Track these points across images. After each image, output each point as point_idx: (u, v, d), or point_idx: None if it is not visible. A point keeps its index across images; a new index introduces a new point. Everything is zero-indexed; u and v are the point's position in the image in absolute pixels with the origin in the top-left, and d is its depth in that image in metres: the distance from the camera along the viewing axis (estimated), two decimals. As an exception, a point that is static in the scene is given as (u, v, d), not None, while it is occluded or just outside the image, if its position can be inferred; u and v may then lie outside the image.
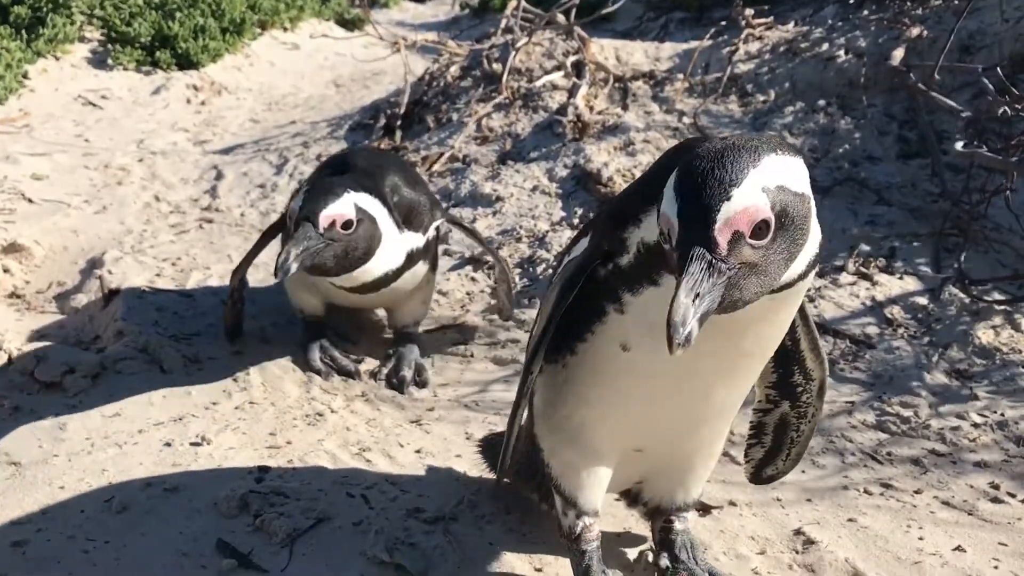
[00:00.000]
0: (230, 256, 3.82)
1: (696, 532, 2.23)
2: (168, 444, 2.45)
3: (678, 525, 2.01)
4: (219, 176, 4.78)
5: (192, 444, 2.46)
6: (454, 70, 5.05)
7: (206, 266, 3.71)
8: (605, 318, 1.64)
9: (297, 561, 2.03)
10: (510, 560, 2.07)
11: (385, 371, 2.98)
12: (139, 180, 4.74)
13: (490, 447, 2.36)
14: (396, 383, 2.94)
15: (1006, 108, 3.22)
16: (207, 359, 2.93)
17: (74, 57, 6.26)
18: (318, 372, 2.91)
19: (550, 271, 3.54)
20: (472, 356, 3.15)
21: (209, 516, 2.16)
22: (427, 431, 2.65)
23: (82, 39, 6.47)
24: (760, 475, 2.07)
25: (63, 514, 2.14)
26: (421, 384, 2.96)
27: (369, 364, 3.04)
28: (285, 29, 7.50)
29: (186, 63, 6.35)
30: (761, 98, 4.78)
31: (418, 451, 2.52)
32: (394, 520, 2.18)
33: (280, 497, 2.23)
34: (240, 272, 2.96)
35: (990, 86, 3.43)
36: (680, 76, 4.95)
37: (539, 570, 2.06)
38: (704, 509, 2.33)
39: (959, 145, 3.32)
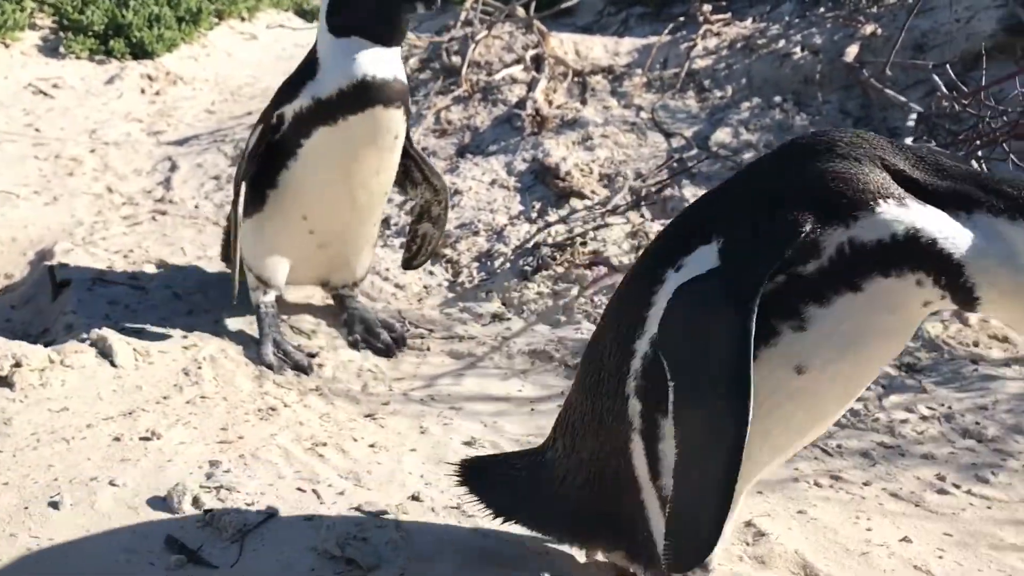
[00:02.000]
0: (183, 249, 3.77)
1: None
2: (117, 439, 2.42)
3: None
4: (173, 167, 4.71)
5: (142, 439, 2.43)
6: (413, 62, 5.03)
7: (159, 259, 3.66)
8: (776, 339, 1.48)
9: (247, 556, 2.01)
10: (463, 554, 2.07)
11: (351, 340, 3.07)
12: (91, 171, 4.66)
13: (477, 473, 2.01)
14: (383, 349, 3.04)
15: (955, 104, 3.27)
16: (158, 353, 2.89)
17: (24, 45, 6.13)
18: (271, 367, 2.88)
19: (508, 265, 3.54)
20: (428, 350, 3.14)
21: (158, 512, 2.14)
22: (381, 425, 2.63)
23: (33, 26, 6.33)
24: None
25: (6, 511, 2.10)
26: (400, 342, 3.06)
27: (324, 359, 3.02)
28: (243, 19, 7.41)
29: (141, 53, 6.24)
30: (718, 93, 4.81)
31: (372, 445, 2.51)
32: (346, 514, 2.17)
33: (231, 492, 2.21)
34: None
35: (940, 83, 3.48)
36: (639, 71, 4.96)
37: (493, 562, 2.06)
38: (657, 502, 2.34)
39: (909, 140, 3.37)
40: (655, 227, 3.69)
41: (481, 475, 2.00)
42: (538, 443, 2.58)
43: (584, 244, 3.58)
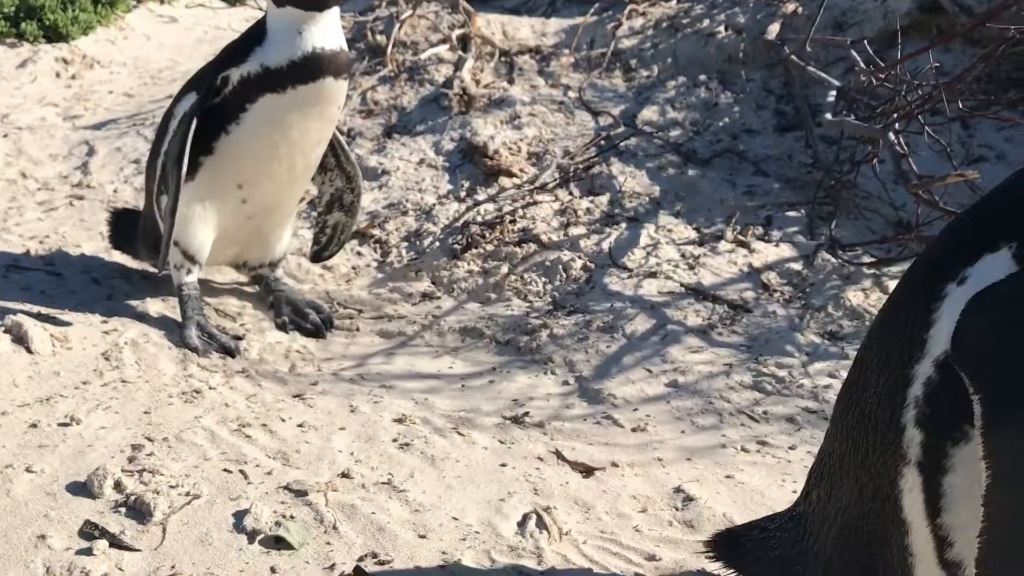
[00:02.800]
0: (102, 234, 3.65)
1: (579, 493, 2.26)
2: (34, 425, 2.34)
3: None
4: (91, 152, 4.56)
5: (60, 424, 2.35)
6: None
7: (76, 244, 3.54)
8: None
9: (171, 539, 1.97)
10: (392, 530, 2.05)
11: (279, 322, 3.03)
12: (3, 156, 4.49)
13: (730, 544, 1.86)
14: (312, 329, 3.00)
15: (872, 79, 3.35)
16: (77, 338, 2.80)
17: (-70, 28, 5.87)
18: (195, 349, 2.81)
19: (437, 244, 3.52)
20: (358, 330, 3.10)
21: (78, 497, 2.07)
22: (310, 405, 2.60)
23: (-61, 9, 6.07)
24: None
25: (-85, 502, 2.02)
26: (329, 323, 3.04)
27: (251, 341, 2.97)
28: (162, 1, 7.21)
29: (55, 36, 6.02)
30: (645, 73, 4.84)
31: (300, 425, 2.47)
32: (273, 494, 2.13)
33: (154, 475, 2.15)
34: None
35: (859, 59, 3.55)
36: (566, 51, 4.97)
37: (423, 536, 2.05)
38: (587, 471, 2.36)
39: (829, 115, 3.43)
40: (584, 204, 3.71)
41: (734, 545, 1.85)
42: (470, 418, 2.60)
43: (513, 222, 3.57)
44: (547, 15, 6.24)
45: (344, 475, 2.24)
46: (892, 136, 3.12)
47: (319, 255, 3.28)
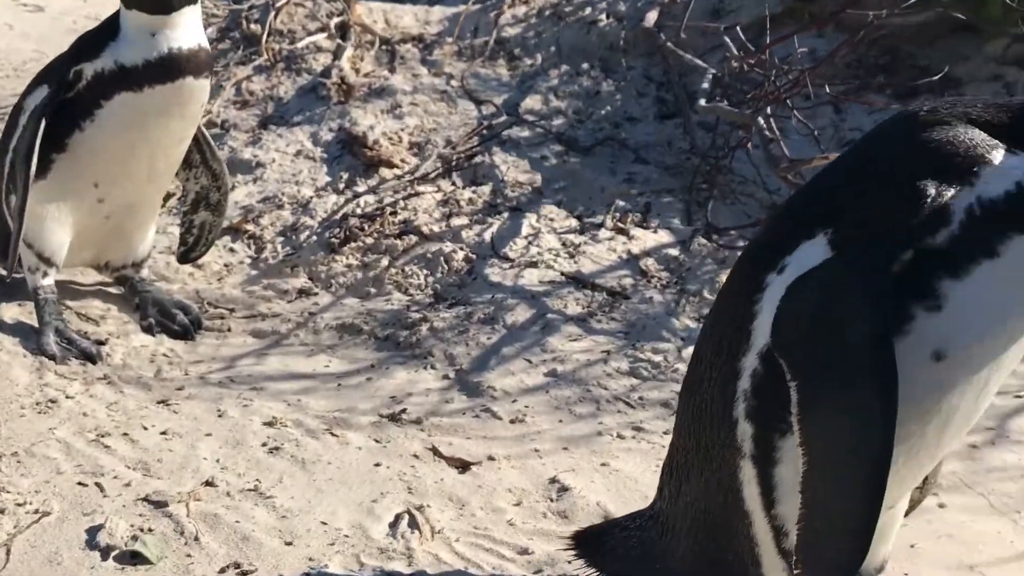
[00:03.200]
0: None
1: (454, 489, 2.23)
2: None
3: None
4: (-54, 149, 4.30)
5: None
6: (211, 31, 4.76)
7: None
8: (909, 325, 1.31)
9: (16, 561, 1.86)
10: (257, 538, 1.98)
11: (144, 324, 2.91)
12: None
13: (591, 542, 1.86)
14: (180, 331, 2.88)
15: (743, 64, 3.40)
16: (-80, 349, 2.63)
17: None
18: (52, 357, 2.67)
19: (314, 238, 3.42)
20: (229, 330, 3.00)
21: (-86, 522, 1.94)
22: (175, 411, 2.49)
23: None
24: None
25: None
26: (198, 324, 2.92)
27: (114, 345, 2.83)
28: (28, -11, 6.85)
29: (-93, 25, 5.67)
30: (528, 61, 4.82)
31: (164, 433, 2.37)
32: (130, 506, 2.04)
33: (0, 494, 2.03)
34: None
35: (732, 45, 3.60)
36: (449, 39, 4.91)
37: (289, 543, 1.99)
38: (463, 466, 2.33)
39: (703, 101, 3.47)
40: (466, 194, 3.66)
41: (597, 543, 1.84)
42: (345, 418, 2.54)
43: (394, 214, 3.51)
44: (431, 3, 6.16)
45: (208, 483, 2.16)
46: (761, 121, 3.17)
47: (187, 256, 3.16)
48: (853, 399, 1.30)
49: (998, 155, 1.34)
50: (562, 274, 3.21)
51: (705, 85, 3.84)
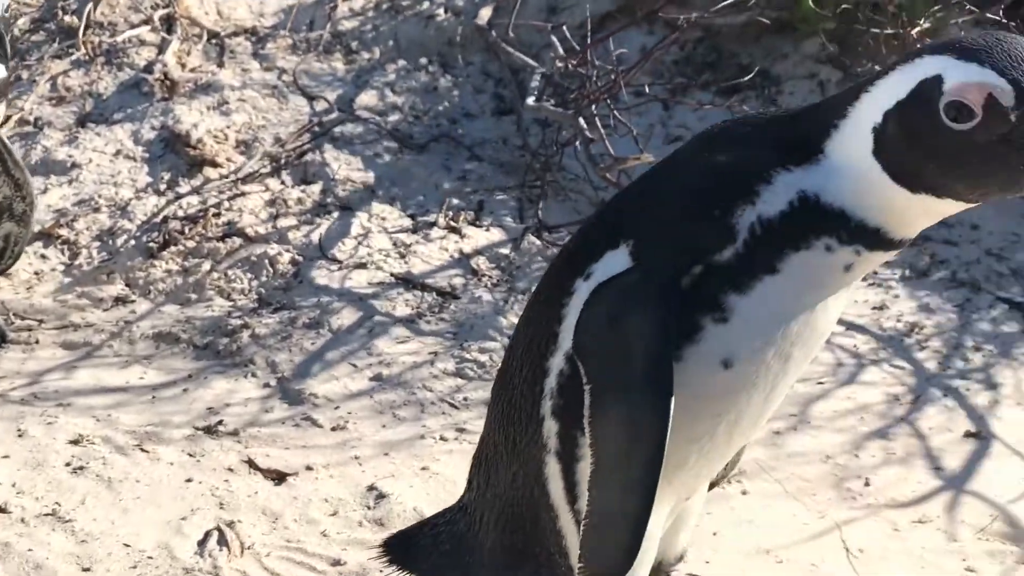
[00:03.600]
0: None
1: (268, 503, 2.19)
2: None
3: None
4: None
5: None
6: (24, 22, 4.50)
7: None
8: (699, 335, 1.38)
9: None
10: (51, 566, 1.90)
11: None
12: None
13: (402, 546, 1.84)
14: None
15: (567, 64, 3.45)
16: None
17: None
18: None
19: (133, 242, 3.28)
20: (37, 343, 2.85)
21: None
22: (-31, 433, 2.35)
23: None
24: None
25: None
26: (1, 337, 2.79)
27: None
28: None
29: None
30: (366, 55, 4.76)
31: (-46, 457, 2.23)
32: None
33: None
34: None
35: (558, 44, 3.66)
36: (283, 32, 4.79)
37: (87, 570, 1.91)
38: (279, 478, 2.29)
39: (530, 100, 3.52)
40: (295, 193, 3.59)
41: (407, 545, 1.82)
42: (158, 432, 2.45)
43: (218, 215, 3.40)
44: (268, -6, 6.00)
45: (1, 510, 2.04)
46: (582, 121, 3.23)
47: None
48: (630, 407, 1.37)
49: (776, 174, 1.40)
50: (392, 275, 3.19)
51: (534, 83, 3.88)
